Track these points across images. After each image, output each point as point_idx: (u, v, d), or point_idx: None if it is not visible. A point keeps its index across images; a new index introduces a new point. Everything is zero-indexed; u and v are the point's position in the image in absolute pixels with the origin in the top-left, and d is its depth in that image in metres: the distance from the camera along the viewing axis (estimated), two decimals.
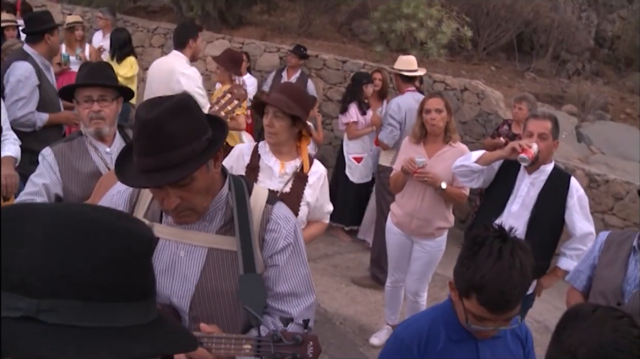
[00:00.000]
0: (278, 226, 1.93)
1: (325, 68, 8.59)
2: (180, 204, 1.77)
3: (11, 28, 7.36)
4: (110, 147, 3.03)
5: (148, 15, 11.17)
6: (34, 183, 2.89)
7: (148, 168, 1.69)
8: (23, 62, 4.53)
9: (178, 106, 1.69)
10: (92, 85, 2.95)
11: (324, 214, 3.49)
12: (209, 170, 1.80)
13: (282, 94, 3.23)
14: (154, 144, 1.67)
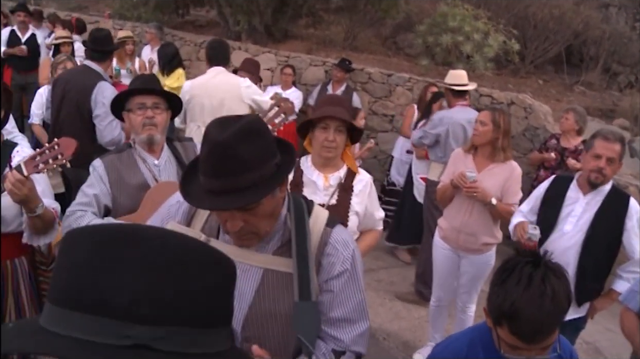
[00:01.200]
0: (336, 251, 1.88)
1: (370, 81, 8.59)
2: (244, 227, 1.74)
3: (66, 44, 7.57)
4: (158, 159, 3.05)
5: (195, 29, 11.36)
6: (85, 194, 2.93)
7: (215, 189, 1.67)
8: (106, 83, 4.67)
9: (249, 129, 1.67)
10: (146, 92, 3.00)
11: (376, 221, 3.43)
12: (274, 195, 1.77)
13: (338, 106, 3.18)
14: (224, 166, 1.64)
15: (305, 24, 11.43)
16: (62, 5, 12.45)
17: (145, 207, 2.88)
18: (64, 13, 11.07)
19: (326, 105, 3.25)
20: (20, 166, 2.65)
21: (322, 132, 3.16)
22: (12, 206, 2.87)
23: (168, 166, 3.05)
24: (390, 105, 8.56)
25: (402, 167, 7.29)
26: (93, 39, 5.11)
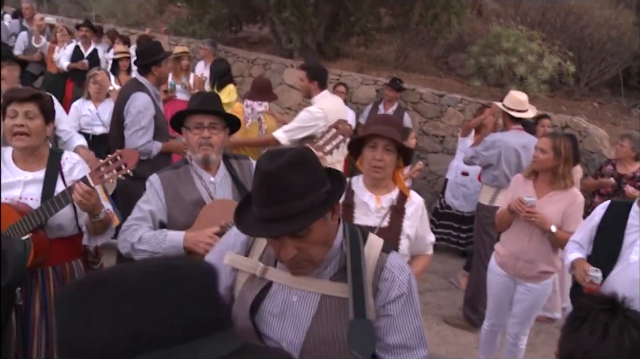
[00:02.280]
0: (392, 275, 1.89)
1: (421, 102, 8.56)
2: (297, 255, 1.77)
3: (125, 59, 7.79)
4: (214, 176, 3.08)
5: (248, 46, 11.52)
6: (140, 209, 2.99)
7: (267, 218, 1.71)
8: (141, 93, 4.74)
9: (298, 159, 1.72)
10: (204, 112, 3.03)
11: (427, 246, 3.39)
12: (326, 222, 1.80)
13: (388, 126, 3.14)
14: (274, 195, 1.69)
15: (356, 43, 11.47)
16: (121, 22, 12.81)
17: (200, 224, 2.93)
18: (122, 29, 11.40)
19: (376, 124, 3.24)
20: (87, 177, 2.76)
21: (370, 151, 3.13)
22: (68, 212, 2.99)
23: (224, 183, 3.09)
24: (441, 126, 8.51)
25: (457, 189, 7.23)
26: (136, 53, 5.31)
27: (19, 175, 3.01)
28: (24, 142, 2.97)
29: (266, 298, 1.92)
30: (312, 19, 9.83)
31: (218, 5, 10.66)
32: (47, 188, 2.98)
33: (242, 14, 11.55)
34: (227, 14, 11.24)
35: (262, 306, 1.92)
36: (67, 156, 3.15)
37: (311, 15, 9.80)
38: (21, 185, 2.99)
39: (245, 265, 1.98)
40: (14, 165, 3.05)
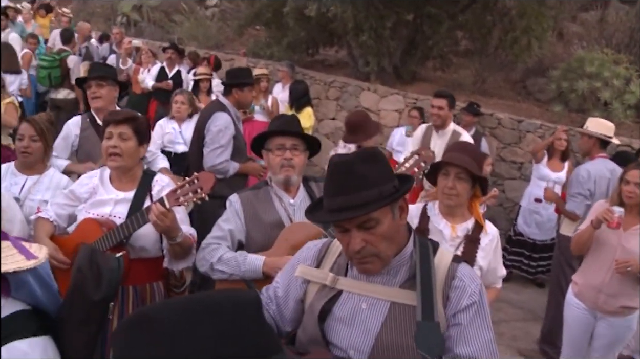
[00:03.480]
0: (463, 284, 1.89)
1: (499, 127, 8.40)
2: (364, 248, 1.81)
3: (205, 80, 8.03)
4: (294, 198, 3.10)
5: (324, 68, 11.65)
6: (220, 228, 3.04)
7: (336, 207, 1.78)
8: (223, 113, 4.88)
9: (368, 153, 1.83)
10: (286, 134, 3.06)
11: (497, 278, 3.33)
12: (394, 218, 1.85)
13: (463, 154, 3.12)
14: (344, 184, 1.77)
15: (433, 67, 11.41)
16: (202, 44, 13.23)
17: (278, 246, 2.95)
18: (203, 51, 11.76)
19: (452, 151, 3.22)
20: (163, 199, 2.83)
21: (442, 178, 3.12)
22: (152, 233, 3.06)
23: (303, 206, 3.07)
24: (519, 152, 8.31)
25: (530, 216, 7.05)
26: (226, 73, 5.44)
27: (112, 194, 3.14)
28: (116, 163, 3.09)
29: (335, 306, 1.95)
30: (389, 42, 9.85)
31: (296, 29, 10.84)
32: (134, 208, 3.08)
33: (319, 37, 11.71)
34: (304, 37, 11.41)
35: (331, 314, 1.94)
36: (158, 178, 3.24)
37: (388, 38, 9.83)
38: (112, 203, 3.12)
39: (316, 276, 2.01)
40: (109, 184, 3.18)
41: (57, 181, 3.75)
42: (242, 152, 4.97)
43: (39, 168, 3.80)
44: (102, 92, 4.36)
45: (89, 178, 3.27)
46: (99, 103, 4.36)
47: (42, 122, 3.85)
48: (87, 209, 3.14)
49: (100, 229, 2.99)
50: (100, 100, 4.36)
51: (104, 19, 16.31)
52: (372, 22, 9.60)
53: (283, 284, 2.12)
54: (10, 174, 3.78)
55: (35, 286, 1.71)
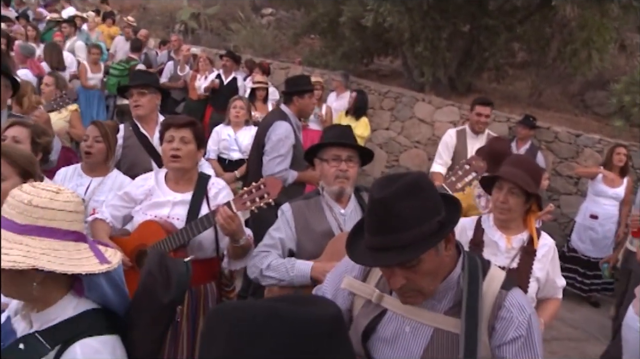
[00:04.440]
0: (510, 315, 1.81)
1: (556, 141, 8.24)
2: (406, 285, 1.76)
3: (262, 89, 8.14)
4: (345, 208, 3.11)
5: (379, 78, 11.63)
6: (271, 236, 3.08)
7: (376, 246, 1.72)
8: (284, 122, 4.88)
9: (411, 186, 1.71)
10: (343, 145, 3.07)
11: (557, 289, 3.26)
12: (438, 253, 1.76)
13: (518, 168, 3.08)
14: (383, 224, 1.70)
15: (488, 78, 11.28)
16: (257, 52, 13.40)
17: (327, 256, 2.96)
18: (259, 59, 11.91)
19: (507, 165, 3.19)
20: (230, 203, 2.90)
21: (496, 192, 3.10)
22: (210, 235, 3.14)
23: (354, 216, 3.10)
24: (576, 167, 8.13)
25: (584, 232, 6.89)
26: (285, 82, 5.46)
27: (169, 196, 3.22)
28: (178, 164, 3.18)
29: (379, 325, 1.92)
30: (445, 53, 9.79)
31: (351, 38, 10.87)
32: (193, 210, 3.15)
33: (374, 47, 11.71)
34: (359, 47, 11.43)
35: (375, 332, 1.92)
36: (214, 181, 3.32)
37: (444, 49, 9.77)
38: (170, 205, 3.19)
39: (362, 290, 1.99)
40: (165, 186, 3.27)
41: (119, 182, 3.86)
42: (301, 161, 4.90)
43: (102, 170, 3.93)
44: (143, 101, 4.34)
45: (144, 179, 3.36)
46: (140, 111, 4.36)
47: (107, 125, 3.99)
48: (144, 210, 3.22)
49: (162, 231, 3.06)
50: (141, 108, 4.35)
51: (162, 26, 16.70)
52: (428, 33, 9.56)
53: (331, 290, 2.12)
54: (76, 175, 3.92)
55: (106, 288, 1.78)
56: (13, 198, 1.70)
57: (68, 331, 1.70)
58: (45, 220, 1.68)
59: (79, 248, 1.73)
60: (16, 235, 1.66)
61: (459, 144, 5.88)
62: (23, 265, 1.59)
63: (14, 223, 1.67)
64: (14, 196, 1.70)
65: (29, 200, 1.68)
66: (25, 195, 1.69)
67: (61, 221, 1.70)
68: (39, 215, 1.67)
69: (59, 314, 1.74)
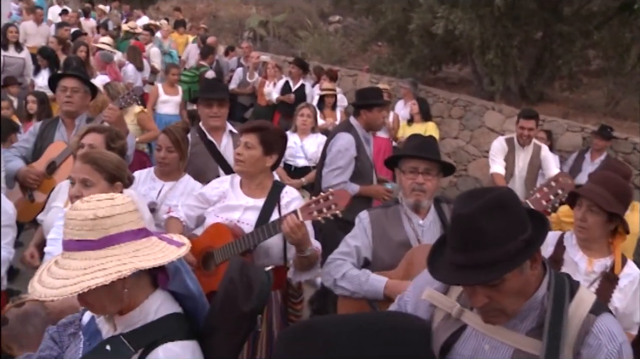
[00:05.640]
0: (598, 342, 1.71)
1: (634, 152, 7.91)
2: (488, 304, 1.71)
3: (330, 96, 8.16)
4: (423, 219, 3.05)
5: (447, 86, 11.50)
6: (347, 244, 3.06)
7: (458, 263, 1.68)
8: (346, 134, 4.80)
9: (495, 202, 1.66)
10: (420, 158, 3.00)
11: (633, 324, 3.05)
12: (523, 272, 1.70)
13: (600, 186, 2.95)
14: (466, 240, 1.65)
15: (560, 87, 10.95)
16: (325, 59, 13.46)
17: (404, 267, 2.92)
18: (326, 66, 11.96)
19: (590, 182, 3.07)
20: (297, 211, 2.89)
21: (577, 209, 3.00)
22: (278, 243, 3.13)
23: (432, 227, 3.05)
24: None
25: None
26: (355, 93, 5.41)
27: (242, 200, 3.24)
28: (239, 168, 3.24)
29: (458, 340, 1.87)
30: (516, 61, 9.57)
31: (420, 46, 10.78)
32: (263, 216, 3.16)
33: (442, 55, 11.59)
34: (428, 54, 11.33)
35: (454, 348, 1.87)
36: (288, 190, 3.32)
37: (515, 57, 9.55)
38: (242, 209, 3.22)
39: (443, 303, 1.94)
40: (240, 190, 3.30)
41: (191, 187, 3.92)
42: (365, 175, 4.86)
43: (175, 175, 4.00)
44: (222, 112, 4.36)
45: (220, 182, 3.40)
46: (218, 122, 4.36)
47: (178, 132, 4.05)
48: (216, 212, 3.25)
49: (230, 234, 3.08)
50: (219, 119, 4.35)
51: (232, 34, 17.02)
52: (499, 40, 9.38)
53: (412, 301, 2.09)
54: (149, 179, 4.01)
55: (187, 279, 1.82)
56: (74, 220, 1.71)
57: (151, 335, 1.74)
58: (116, 227, 1.71)
59: (153, 242, 1.78)
60: (97, 251, 1.68)
61: (510, 152, 5.82)
62: (128, 272, 1.64)
63: (89, 242, 1.69)
64: (74, 218, 1.71)
65: (94, 214, 1.69)
66: (85, 211, 1.70)
67: (129, 224, 1.74)
68: (109, 224, 1.70)
69: (141, 318, 1.78)
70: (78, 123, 4.35)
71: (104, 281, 1.62)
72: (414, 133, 3.45)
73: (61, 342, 2.04)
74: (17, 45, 8.96)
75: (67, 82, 4.36)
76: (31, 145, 4.36)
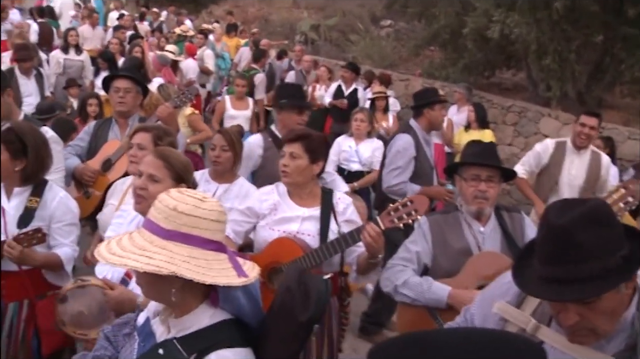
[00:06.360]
0: None
1: None
2: (579, 323, 1.59)
3: (381, 99, 8.09)
4: (484, 226, 3.00)
5: (501, 92, 11.29)
6: (407, 249, 3.01)
7: (549, 277, 1.57)
8: (405, 135, 4.81)
9: (593, 214, 1.56)
10: (483, 165, 2.95)
11: None
12: (619, 291, 1.59)
13: None
14: (561, 253, 1.55)
15: (620, 93, 10.60)
16: (376, 63, 13.39)
17: (466, 274, 2.86)
18: (378, 70, 11.89)
19: None
20: (377, 220, 2.83)
21: None
22: None
23: (493, 235, 2.99)
24: None
25: None
26: (413, 96, 5.37)
27: (297, 211, 3.17)
28: (286, 179, 3.16)
29: None
30: (574, 65, 9.30)
31: (473, 50, 10.61)
32: (324, 225, 3.11)
33: (496, 59, 11.38)
34: (481, 59, 11.14)
35: None
36: (340, 196, 3.28)
37: (574, 61, 9.29)
38: (299, 220, 3.15)
39: (516, 318, 1.83)
40: (290, 200, 3.22)
41: (245, 190, 3.90)
42: (424, 176, 4.85)
43: (229, 177, 3.99)
44: (304, 119, 4.34)
45: (266, 194, 3.30)
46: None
47: (233, 133, 4.06)
48: (270, 226, 3.17)
49: (298, 248, 3.02)
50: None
51: (283, 37, 17.10)
52: (556, 45, 9.14)
53: (479, 313, 2.01)
54: (203, 181, 4.01)
55: (242, 301, 1.76)
56: (160, 202, 1.72)
57: (204, 340, 1.70)
58: (188, 227, 1.68)
59: (218, 259, 1.72)
60: (161, 239, 1.68)
61: (555, 157, 5.29)
62: (165, 271, 1.61)
63: (159, 227, 1.69)
64: (161, 201, 1.73)
65: (175, 205, 1.69)
66: (171, 200, 1.71)
67: (203, 230, 1.70)
68: (183, 221, 1.68)
69: (195, 323, 1.74)
70: (131, 123, 4.39)
71: (140, 267, 1.62)
72: (474, 140, 3.38)
73: (116, 342, 2.03)
74: (76, 48, 9.24)
75: (120, 83, 4.42)
76: (86, 144, 4.44)
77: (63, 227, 3.15)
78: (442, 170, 4.55)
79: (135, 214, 2.77)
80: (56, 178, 3.63)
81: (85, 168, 4.21)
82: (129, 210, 2.90)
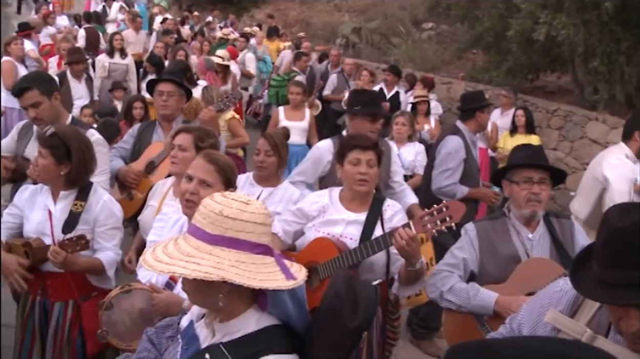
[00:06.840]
0: None
1: None
2: None
3: (422, 102, 8.04)
4: (533, 232, 2.97)
5: (546, 95, 11.08)
6: (454, 255, 2.99)
7: (609, 281, 1.52)
8: (455, 136, 4.84)
9: None
10: (536, 167, 2.94)
11: None
12: None
13: None
14: (625, 256, 1.50)
15: None
16: (418, 66, 13.27)
17: (514, 281, 2.82)
18: (419, 74, 11.78)
19: None
20: (410, 224, 2.80)
21: None
22: (382, 257, 3.07)
23: (542, 241, 2.95)
24: None
25: None
26: (460, 98, 5.45)
27: (343, 214, 3.19)
28: (365, 188, 3.14)
29: None
30: (624, 67, 9.04)
31: (517, 53, 10.42)
32: (367, 230, 3.10)
33: (541, 62, 11.15)
34: (525, 62, 10.93)
35: None
36: (390, 204, 3.27)
37: (623, 64, 9.02)
38: (344, 223, 3.16)
39: (570, 328, 1.78)
40: (340, 204, 3.24)
41: (289, 194, 3.91)
42: (472, 178, 4.87)
43: (273, 181, 4.00)
44: (377, 128, 4.25)
45: (318, 196, 3.35)
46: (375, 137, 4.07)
47: (277, 137, 4.05)
48: (316, 227, 3.21)
49: (334, 249, 3.02)
50: (375, 134, 4.12)
51: (324, 40, 17.09)
52: (605, 46, 8.90)
53: (529, 323, 1.96)
54: (248, 184, 4.02)
55: (289, 305, 1.74)
56: (205, 208, 1.71)
57: (251, 346, 1.68)
58: (234, 231, 1.67)
59: (265, 262, 1.70)
60: (207, 244, 1.67)
61: None
62: (214, 277, 1.60)
63: (205, 233, 1.68)
64: (206, 206, 1.71)
65: (220, 210, 1.67)
66: (216, 204, 1.69)
67: (250, 234, 1.68)
68: (229, 225, 1.66)
69: (241, 328, 1.73)
70: (175, 126, 4.43)
71: (188, 274, 1.61)
72: (523, 143, 3.35)
73: (159, 344, 2.03)
74: (121, 52, 9.43)
75: (163, 87, 4.48)
76: (130, 146, 4.52)
77: (106, 231, 3.20)
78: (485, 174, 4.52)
79: (177, 217, 2.78)
80: (101, 180, 3.69)
81: (129, 170, 4.26)
82: (170, 213, 2.92)
